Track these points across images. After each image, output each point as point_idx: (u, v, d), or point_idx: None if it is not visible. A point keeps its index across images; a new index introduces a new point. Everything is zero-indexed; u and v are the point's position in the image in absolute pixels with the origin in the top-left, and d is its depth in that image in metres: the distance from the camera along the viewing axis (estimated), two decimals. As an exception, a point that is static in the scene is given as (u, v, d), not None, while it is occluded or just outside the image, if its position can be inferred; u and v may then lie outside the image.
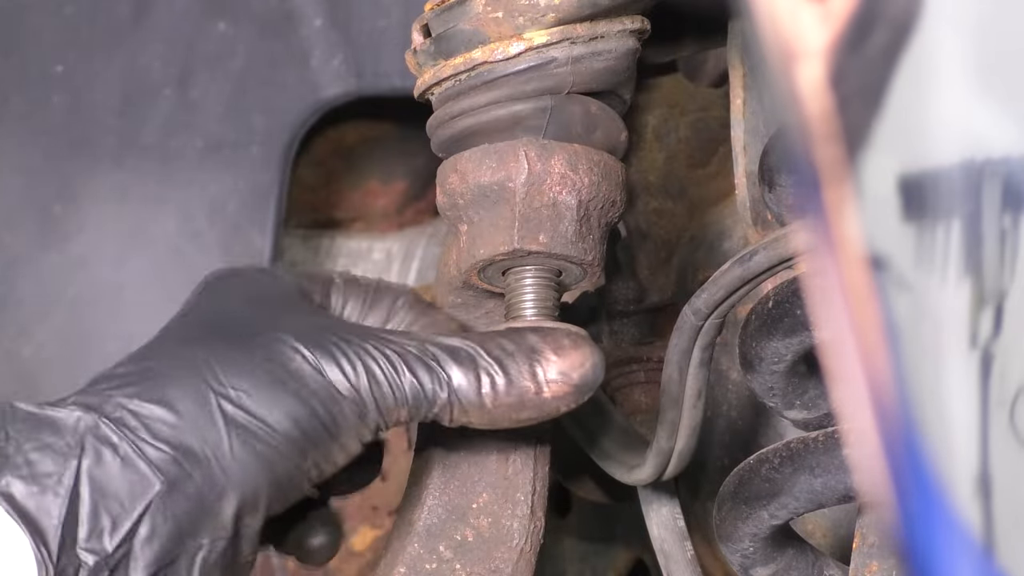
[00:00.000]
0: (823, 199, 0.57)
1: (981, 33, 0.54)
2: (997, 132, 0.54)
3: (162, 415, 0.89)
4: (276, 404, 0.90)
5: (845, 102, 0.56)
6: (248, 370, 0.91)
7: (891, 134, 0.56)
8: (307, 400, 0.90)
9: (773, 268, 0.94)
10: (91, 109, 1.46)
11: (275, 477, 0.89)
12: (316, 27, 1.49)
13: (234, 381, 0.90)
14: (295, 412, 0.90)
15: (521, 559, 1.03)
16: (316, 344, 0.92)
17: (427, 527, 1.04)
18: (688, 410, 1.01)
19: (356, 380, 0.91)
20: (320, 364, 0.91)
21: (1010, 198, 0.55)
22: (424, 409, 0.92)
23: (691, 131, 1.31)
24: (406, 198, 1.70)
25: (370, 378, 0.91)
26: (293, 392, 0.90)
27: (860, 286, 0.58)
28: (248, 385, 0.90)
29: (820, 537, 1.17)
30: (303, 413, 0.90)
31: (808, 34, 0.56)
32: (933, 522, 0.58)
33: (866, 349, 0.58)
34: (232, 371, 0.91)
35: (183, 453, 0.88)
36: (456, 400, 0.92)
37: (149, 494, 0.87)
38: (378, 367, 0.92)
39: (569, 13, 0.97)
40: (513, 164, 0.97)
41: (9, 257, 1.46)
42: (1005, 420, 0.57)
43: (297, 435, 0.90)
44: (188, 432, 0.88)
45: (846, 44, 0.56)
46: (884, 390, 0.58)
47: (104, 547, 0.85)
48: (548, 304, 0.99)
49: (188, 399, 0.89)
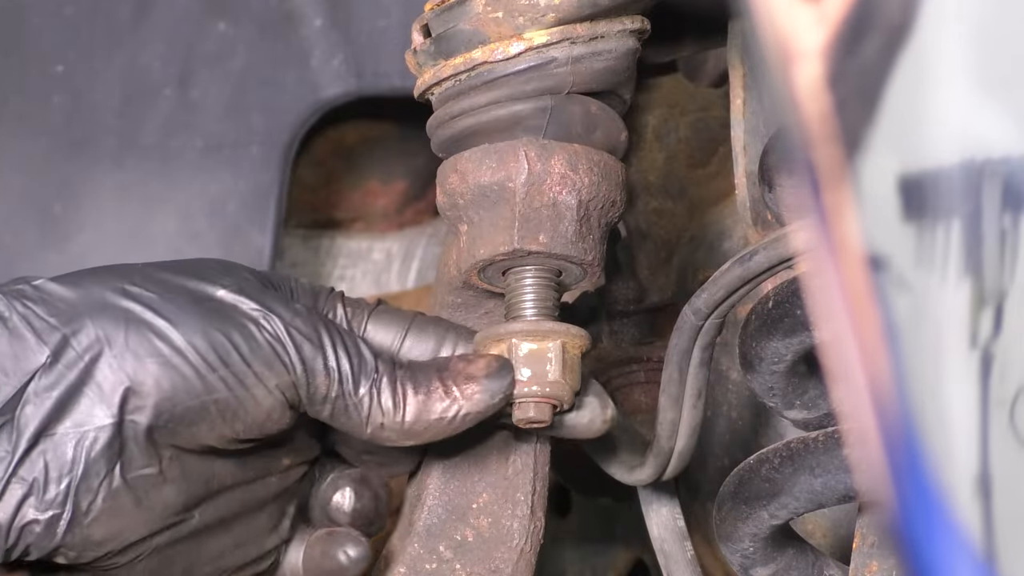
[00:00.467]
0: (822, 200, 0.57)
1: (981, 33, 0.54)
2: (997, 132, 0.54)
3: (63, 293, 0.90)
4: (185, 310, 0.91)
5: (842, 104, 0.56)
6: (168, 282, 0.92)
7: (891, 134, 0.56)
8: (222, 317, 0.91)
9: (773, 268, 0.94)
10: (91, 109, 1.46)
11: (169, 376, 0.89)
12: (316, 27, 1.49)
13: (150, 287, 0.91)
14: (204, 322, 0.91)
15: (521, 559, 1.03)
16: (246, 290, 0.93)
17: (427, 527, 1.04)
18: (688, 410, 1.01)
19: (276, 323, 0.92)
20: (245, 300, 0.92)
21: (1010, 198, 0.55)
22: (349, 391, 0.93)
23: (691, 131, 1.31)
24: (406, 198, 1.70)
25: (293, 327, 0.92)
26: (208, 307, 0.91)
27: (860, 286, 0.58)
28: (162, 289, 0.91)
29: (820, 537, 1.17)
30: (213, 326, 0.91)
31: (804, 35, 0.56)
32: (933, 522, 0.58)
33: (866, 349, 0.58)
34: (152, 281, 0.92)
35: (73, 330, 0.89)
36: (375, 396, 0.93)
37: (34, 364, 0.88)
38: (304, 325, 0.93)
39: (569, 13, 0.97)
40: (513, 164, 0.97)
41: (9, 257, 1.46)
42: (1005, 420, 0.57)
43: (201, 343, 0.90)
44: (84, 311, 0.90)
45: (841, 46, 0.56)
46: (884, 390, 0.58)
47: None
48: (548, 304, 0.99)
49: (98, 288, 0.91)
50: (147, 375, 0.89)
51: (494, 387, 0.95)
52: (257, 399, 0.92)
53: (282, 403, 0.93)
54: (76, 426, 0.88)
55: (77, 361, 0.89)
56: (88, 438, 0.88)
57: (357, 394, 0.93)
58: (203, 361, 0.90)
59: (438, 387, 0.94)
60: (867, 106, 0.55)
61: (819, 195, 0.58)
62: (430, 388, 0.94)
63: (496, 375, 0.95)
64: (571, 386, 0.98)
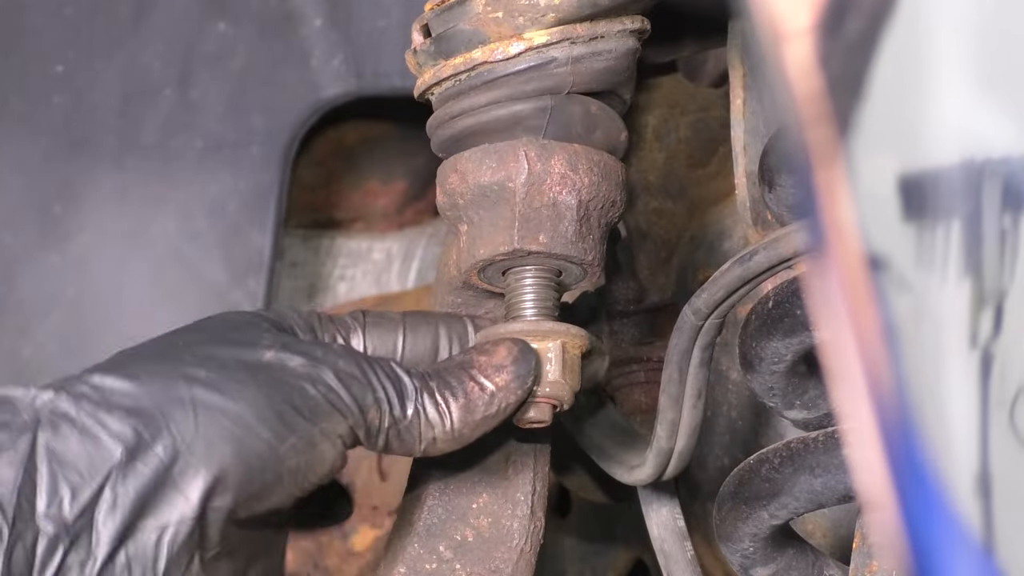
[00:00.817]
0: (816, 182, 0.57)
1: (981, 33, 0.54)
2: (997, 132, 0.54)
3: (124, 387, 0.88)
4: (245, 385, 0.89)
5: (832, 84, 0.56)
6: (218, 356, 0.91)
7: (891, 133, 0.56)
8: (279, 383, 0.90)
9: (773, 268, 0.94)
10: (91, 109, 1.46)
11: (245, 457, 0.88)
12: (316, 27, 1.49)
13: (203, 364, 0.90)
14: (266, 393, 0.89)
15: (521, 559, 1.03)
16: (287, 344, 0.93)
17: (427, 527, 1.04)
18: (688, 410, 1.01)
19: (326, 372, 0.91)
20: (291, 356, 0.91)
21: (1010, 198, 0.55)
22: (399, 416, 0.93)
23: (691, 131, 1.31)
24: (406, 198, 1.70)
25: (340, 372, 0.92)
26: (264, 376, 0.90)
27: (860, 286, 0.58)
28: (217, 367, 0.90)
29: (820, 537, 1.17)
30: (275, 395, 0.90)
31: (794, 15, 0.57)
32: (933, 522, 0.58)
33: (866, 349, 0.58)
34: (201, 356, 0.90)
35: (144, 423, 0.87)
36: (422, 412, 0.93)
37: (109, 463, 0.85)
38: (347, 365, 0.92)
39: (569, 13, 0.97)
40: (513, 164, 0.97)
41: (9, 257, 1.46)
42: (1005, 420, 0.57)
43: (269, 415, 0.89)
44: (150, 404, 0.87)
45: (825, 28, 0.56)
46: (884, 390, 0.58)
47: (63, 516, 0.84)
48: (548, 304, 0.99)
49: (154, 376, 0.89)
50: (225, 462, 0.87)
51: (523, 371, 0.96)
52: (324, 455, 0.91)
53: (343, 450, 0.93)
54: (158, 523, 0.86)
55: (152, 457, 0.86)
56: (169, 534, 0.86)
57: (406, 417, 0.93)
58: (274, 435, 0.89)
59: (473, 387, 0.95)
60: (851, 91, 0.55)
61: (812, 178, 0.58)
62: (467, 391, 0.95)
63: (521, 358, 0.96)
64: (571, 386, 0.98)
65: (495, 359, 0.96)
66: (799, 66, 0.57)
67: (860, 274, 0.58)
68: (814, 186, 0.58)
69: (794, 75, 0.57)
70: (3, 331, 1.46)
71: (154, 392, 0.88)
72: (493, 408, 0.95)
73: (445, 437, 0.95)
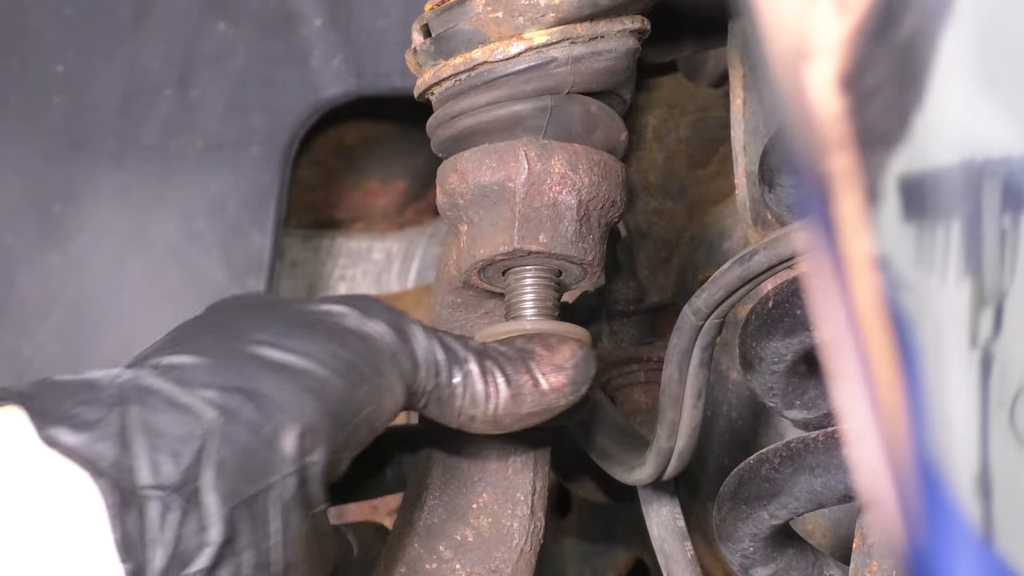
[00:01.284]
0: (831, 211, 0.57)
1: (981, 33, 0.54)
2: (997, 132, 0.54)
3: (198, 362, 0.86)
4: (313, 340, 0.88)
5: (864, 100, 0.56)
6: (278, 318, 0.89)
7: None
8: (343, 337, 0.89)
9: (773, 268, 0.94)
10: (91, 109, 1.47)
11: (329, 409, 0.86)
12: (316, 27, 1.49)
13: (265, 328, 0.88)
14: (333, 347, 0.88)
15: (521, 559, 1.03)
16: (341, 300, 0.91)
17: (427, 527, 1.04)
18: (688, 410, 1.01)
19: (380, 326, 0.90)
20: (344, 309, 0.90)
21: (1010, 198, 0.55)
22: (444, 382, 0.92)
23: (691, 131, 1.32)
24: (406, 198, 1.70)
25: (394, 326, 0.91)
26: (327, 330, 0.89)
27: (861, 286, 0.58)
28: (280, 328, 0.88)
29: (820, 537, 1.17)
30: (341, 348, 0.88)
31: (823, 27, 0.56)
32: (933, 522, 0.58)
33: (868, 351, 0.58)
34: (260, 321, 0.89)
35: (228, 391, 0.85)
36: (468, 386, 0.92)
37: (204, 428, 0.83)
38: (399, 321, 0.91)
39: (569, 13, 0.97)
40: (513, 164, 0.97)
41: (9, 257, 1.46)
42: (1005, 420, 0.57)
43: (340, 366, 0.88)
44: (229, 372, 0.86)
45: (869, 33, 0.55)
46: (885, 392, 0.58)
47: (167, 484, 0.82)
48: (548, 304, 0.99)
49: (221, 347, 0.87)
50: (312, 415, 0.86)
51: (579, 379, 0.94)
52: (391, 403, 0.90)
53: (400, 403, 0.91)
54: (262, 483, 0.84)
55: (242, 420, 0.84)
56: (274, 493, 0.85)
57: (451, 385, 0.92)
58: (348, 383, 0.88)
59: (527, 380, 0.93)
60: (904, 96, 0.55)
61: (827, 207, 0.57)
62: (520, 381, 0.93)
63: (582, 365, 0.94)
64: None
65: (557, 357, 0.94)
66: (824, 84, 0.56)
67: (862, 274, 0.58)
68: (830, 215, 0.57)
69: (817, 94, 0.56)
70: (3, 331, 1.46)
71: (228, 362, 0.86)
72: (541, 407, 0.94)
73: (485, 419, 0.93)
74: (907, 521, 0.59)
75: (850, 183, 0.56)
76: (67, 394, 0.84)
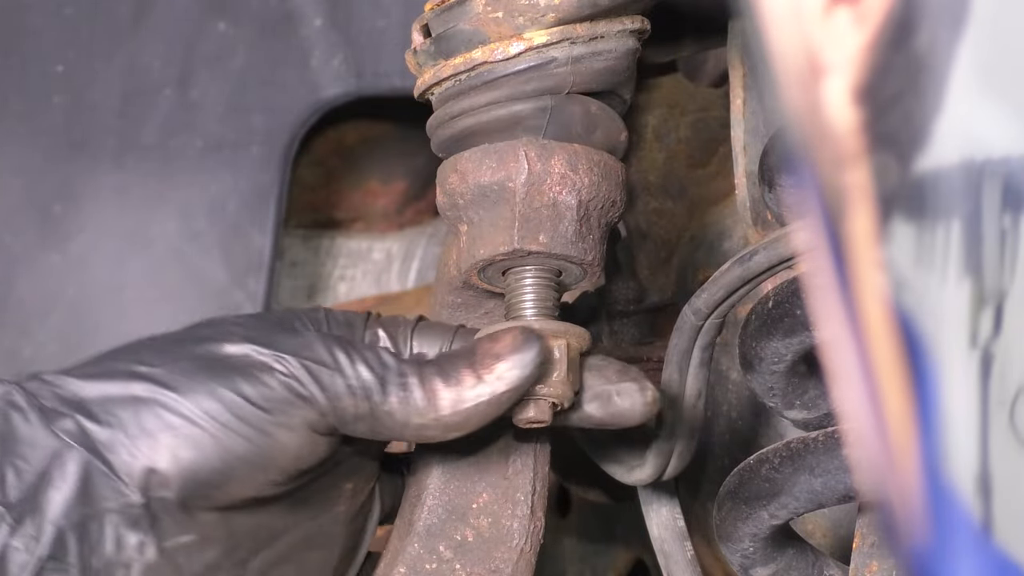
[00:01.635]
0: (843, 228, 0.57)
1: (981, 33, 0.54)
2: (997, 132, 0.54)
3: (76, 384, 0.91)
4: (190, 378, 0.91)
5: (882, 110, 0.55)
6: (173, 353, 0.92)
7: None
8: (227, 374, 0.91)
9: (773, 268, 0.94)
10: (91, 109, 1.47)
11: (187, 447, 0.89)
12: (316, 27, 1.49)
13: (156, 361, 0.92)
14: (210, 385, 0.90)
15: (521, 559, 1.03)
16: (256, 338, 0.93)
17: (427, 527, 1.03)
18: (688, 410, 1.01)
19: (290, 363, 0.91)
20: (256, 348, 0.92)
21: (1010, 198, 0.55)
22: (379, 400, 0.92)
23: (691, 131, 1.31)
24: (406, 198, 1.70)
25: (307, 361, 0.92)
26: (214, 369, 0.91)
27: (862, 285, 0.58)
28: (169, 362, 0.92)
29: (820, 537, 1.17)
30: (220, 385, 0.90)
31: (840, 40, 0.55)
32: (933, 522, 0.58)
33: (867, 349, 0.58)
34: (159, 354, 0.92)
35: (87, 416, 0.89)
36: (408, 398, 0.92)
37: (51, 450, 0.88)
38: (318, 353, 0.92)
39: (569, 13, 0.97)
40: (513, 164, 0.97)
41: (9, 257, 1.46)
42: (1005, 420, 0.57)
43: (212, 406, 0.90)
44: (96, 398, 0.90)
45: (887, 43, 0.55)
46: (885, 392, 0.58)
47: (7, 498, 0.87)
48: (548, 304, 0.99)
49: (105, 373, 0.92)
50: (163, 451, 0.89)
51: (525, 359, 0.93)
52: (283, 443, 0.91)
53: (311, 438, 0.92)
54: (101, 508, 0.89)
55: (93, 447, 0.89)
56: (112, 519, 0.89)
57: (388, 403, 0.92)
58: (216, 423, 0.90)
59: (468, 375, 0.92)
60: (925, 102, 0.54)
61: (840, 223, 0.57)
62: (460, 377, 0.92)
63: (523, 347, 0.93)
64: (571, 385, 0.97)
65: (497, 347, 0.93)
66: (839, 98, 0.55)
67: (864, 274, 0.58)
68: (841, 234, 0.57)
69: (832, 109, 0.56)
70: (3, 331, 1.46)
71: (101, 388, 0.91)
72: (484, 396, 0.92)
73: (433, 424, 0.93)
74: (907, 521, 0.59)
75: (863, 197, 0.56)
76: None
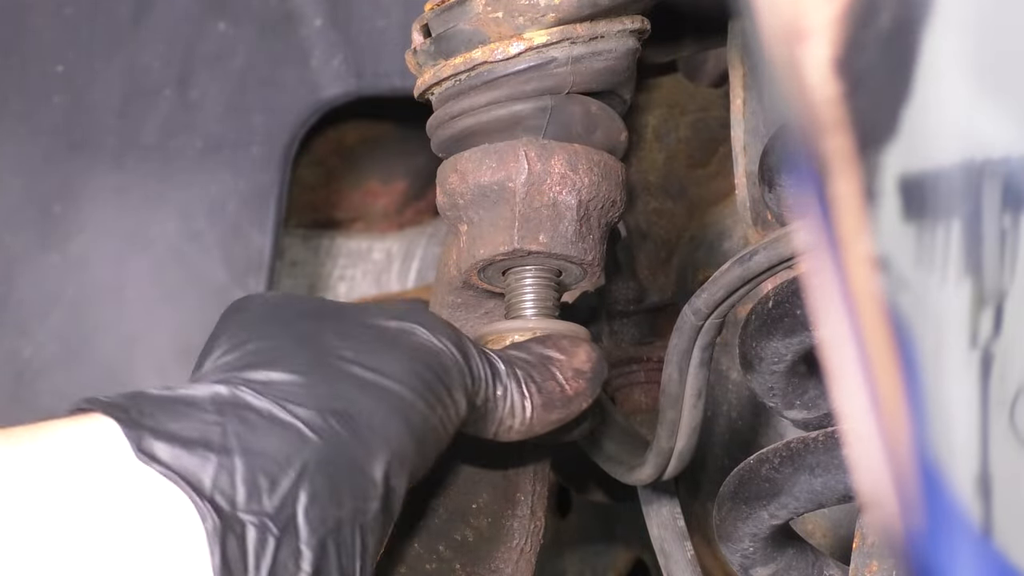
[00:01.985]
0: (827, 196, 0.57)
1: (981, 33, 0.54)
2: (997, 132, 0.54)
3: (291, 379, 0.84)
4: (391, 357, 0.86)
5: (856, 85, 0.55)
6: (349, 333, 0.87)
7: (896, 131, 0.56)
8: (415, 352, 0.87)
9: (773, 268, 0.94)
10: (91, 109, 1.47)
11: (414, 433, 0.85)
12: (316, 27, 1.49)
13: (347, 343, 0.86)
14: (410, 364, 0.86)
15: (521, 559, 1.03)
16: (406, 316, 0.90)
17: (427, 527, 1.04)
18: (688, 410, 1.01)
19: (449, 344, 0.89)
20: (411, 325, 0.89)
21: (1010, 198, 0.55)
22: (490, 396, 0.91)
23: (691, 131, 1.32)
24: (406, 198, 1.70)
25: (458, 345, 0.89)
26: (407, 348, 0.87)
27: (862, 285, 0.58)
28: (357, 344, 0.86)
29: (820, 537, 1.17)
30: (418, 365, 0.87)
31: (816, 7, 0.55)
32: (933, 522, 0.58)
33: (867, 349, 0.58)
34: (341, 335, 0.87)
35: (324, 412, 0.83)
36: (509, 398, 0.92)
37: (304, 451, 0.81)
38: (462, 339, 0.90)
39: (569, 13, 0.97)
40: (513, 164, 0.97)
41: (9, 257, 1.46)
42: (1005, 420, 0.57)
43: (419, 385, 0.86)
44: (322, 391, 0.84)
45: (856, 18, 0.55)
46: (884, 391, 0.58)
47: (264, 508, 0.80)
48: (548, 304, 0.99)
49: (308, 364, 0.85)
50: (400, 439, 0.85)
51: (596, 381, 0.95)
52: (458, 420, 0.89)
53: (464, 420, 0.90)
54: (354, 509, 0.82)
55: (340, 443, 0.82)
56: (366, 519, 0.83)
57: (495, 397, 0.92)
58: (427, 404, 0.86)
59: (555, 388, 0.93)
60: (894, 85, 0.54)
61: (823, 191, 0.57)
62: (549, 389, 0.93)
63: (599, 368, 0.95)
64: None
65: (575, 361, 0.94)
66: (819, 66, 0.56)
67: (863, 273, 0.58)
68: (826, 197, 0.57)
69: (812, 76, 0.56)
70: (3, 331, 1.46)
71: (322, 381, 0.84)
72: (568, 411, 0.94)
73: (520, 427, 0.93)
74: (907, 521, 0.59)
75: (846, 164, 0.56)
76: (161, 408, 0.82)
